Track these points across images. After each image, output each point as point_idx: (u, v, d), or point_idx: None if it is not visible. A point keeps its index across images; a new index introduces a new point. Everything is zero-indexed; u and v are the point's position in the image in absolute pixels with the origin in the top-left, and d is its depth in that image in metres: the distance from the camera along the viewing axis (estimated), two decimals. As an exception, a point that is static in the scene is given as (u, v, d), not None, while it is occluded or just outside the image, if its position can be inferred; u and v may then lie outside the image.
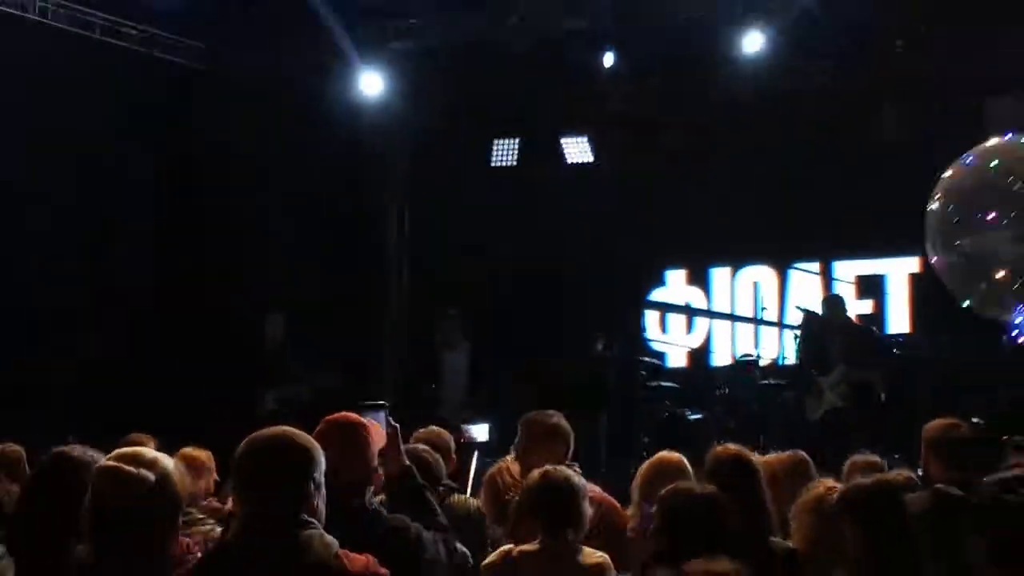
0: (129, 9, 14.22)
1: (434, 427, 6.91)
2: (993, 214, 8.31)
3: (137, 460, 3.23)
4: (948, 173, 8.53)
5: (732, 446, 5.59)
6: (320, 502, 3.87)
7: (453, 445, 6.74)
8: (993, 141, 8.79)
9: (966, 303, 9.49)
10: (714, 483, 4.96)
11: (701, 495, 4.61)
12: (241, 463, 3.88)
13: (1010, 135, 8.97)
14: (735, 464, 5.22)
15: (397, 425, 4.97)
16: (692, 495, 4.62)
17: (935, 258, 9.62)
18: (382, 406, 5.09)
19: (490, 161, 16.62)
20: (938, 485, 6.05)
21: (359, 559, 3.75)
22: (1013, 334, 8.69)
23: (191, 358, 14.09)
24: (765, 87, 14.85)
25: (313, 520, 3.79)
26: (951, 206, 8.45)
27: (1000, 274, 8.50)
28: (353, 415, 4.73)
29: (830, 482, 5.55)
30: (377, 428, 4.79)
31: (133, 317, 14.18)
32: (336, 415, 4.68)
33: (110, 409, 12.08)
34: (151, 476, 3.19)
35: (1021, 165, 8.34)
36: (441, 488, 5.95)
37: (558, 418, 6.23)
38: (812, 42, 14.47)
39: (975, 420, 8.14)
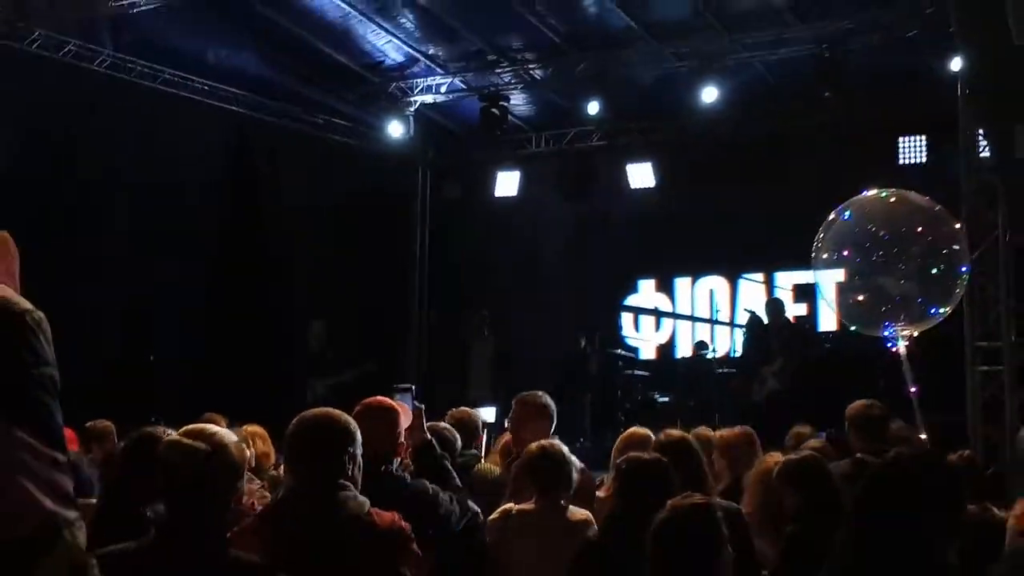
0: (195, 65, 14.25)
1: (465, 408, 6.90)
2: (847, 251, 8.42)
3: (199, 434, 3.24)
4: (831, 217, 8.61)
5: (674, 431, 5.53)
6: (356, 470, 3.88)
7: (481, 423, 6.72)
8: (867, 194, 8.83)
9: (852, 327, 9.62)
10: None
11: (651, 460, 4.59)
12: (290, 438, 3.91)
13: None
14: (676, 446, 5.19)
15: (422, 406, 4.98)
16: (644, 460, 4.60)
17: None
18: (408, 389, 5.10)
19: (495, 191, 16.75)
20: (858, 454, 6.08)
21: (386, 515, 3.76)
22: (888, 345, 8.73)
23: (253, 357, 14.11)
24: (720, 131, 14.91)
25: (349, 484, 3.80)
26: (828, 243, 8.55)
27: (860, 298, 8.57)
28: (384, 399, 4.73)
29: (777, 456, 5.56)
30: (405, 408, 4.80)
31: (208, 323, 14.20)
32: (370, 399, 4.68)
33: (191, 396, 12.15)
34: (206, 447, 3.18)
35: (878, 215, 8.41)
36: (464, 457, 5.95)
37: (545, 398, 6.19)
38: (756, 97, 14.53)
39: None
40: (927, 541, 3.08)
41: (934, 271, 8.23)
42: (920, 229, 8.33)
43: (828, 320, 15.35)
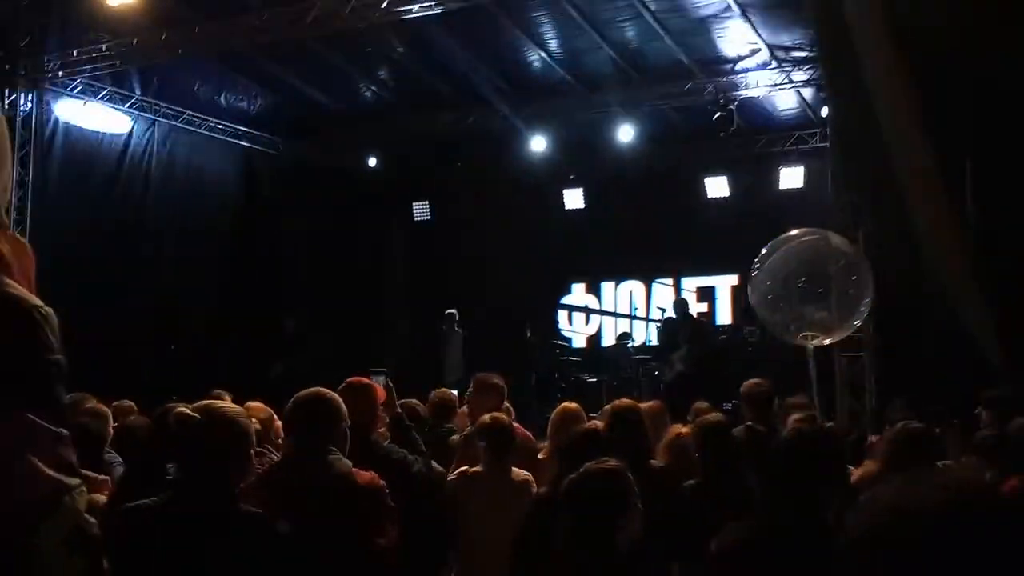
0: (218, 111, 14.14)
1: (444, 389, 6.86)
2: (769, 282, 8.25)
3: (205, 408, 3.17)
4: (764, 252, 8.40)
5: (626, 400, 5.52)
6: (341, 439, 3.84)
7: (456, 403, 6.69)
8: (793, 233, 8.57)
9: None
10: (608, 423, 4.95)
11: (588, 432, 4.56)
12: (288, 412, 3.87)
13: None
14: (624, 412, 5.18)
15: (392, 385, 4.95)
16: (582, 433, 4.57)
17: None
18: (383, 372, 5.08)
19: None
20: (748, 423, 6.12)
21: (366, 474, 3.72)
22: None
23: (246, 346, 13.98)
24: (637, 162, 14.99)
25: (335, 449, 3.76)
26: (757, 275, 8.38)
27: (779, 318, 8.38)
28: (365, 378, 4.69)
29: (680, 427, 5.56)
30: (380, 388, 4.76)
31: (208, 321, 14.04)
32: (353, 378, 4.63)
33: (194, 377, 12.11)
34: (201, 417, 3.11)
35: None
36: (441, 431, 5.92)
37: (497, 377, 6.17)
38: (663, 135, 14.63)
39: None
40: (821, 502, 3.06)
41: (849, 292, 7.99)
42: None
43: (724, 316, 15.53)
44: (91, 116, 12.83)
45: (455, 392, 7.22)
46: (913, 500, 1.32)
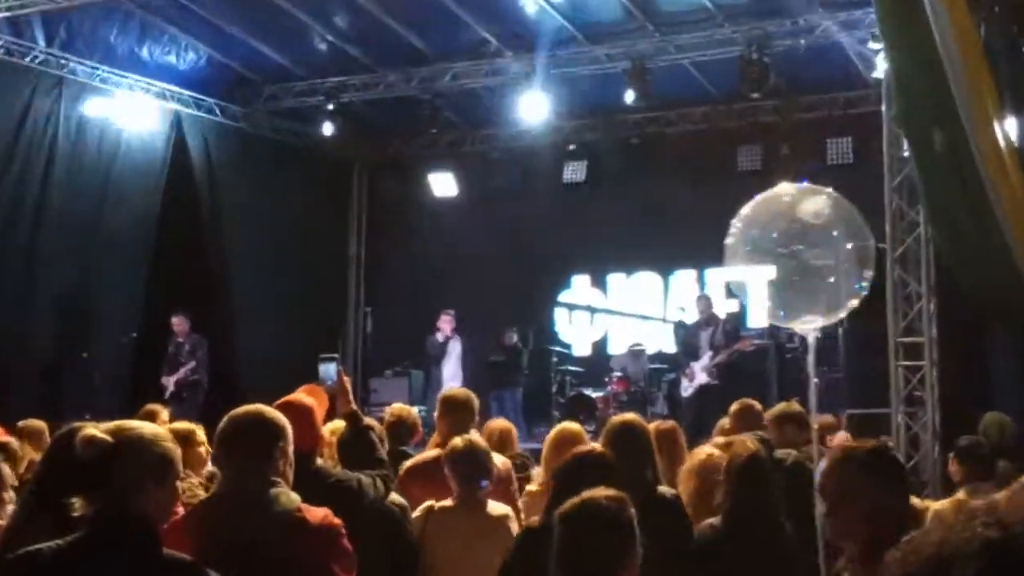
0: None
1: (403, 405, 6.91)
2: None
3: (117, 429, 3.15)
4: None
5: (628, 415, 5.51)
6: (287, 467, 3.81)
7: (419, 421, 6.71)
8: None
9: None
10: (608, 444, 4.95)
11: (590, 456, 4.55)
12: (221, 435, 3.83)
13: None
14: (623, 428, 5.18)
15: (349, 376, 4.95)
16: (584, 456, 4.57)
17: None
18: (334, 358, 5.06)
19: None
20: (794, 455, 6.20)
21: (318, 512, 3.70)
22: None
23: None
24: (651, 128, 14.99)
25: (279, 480, 3.74)
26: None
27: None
28: (300, 397, 4.65)
29: (708, 448, 5.59)
30: (322, 397, 4.74)
31: (130, 322, 14.01)
32: (287, 397, 4.60)
33: (115, 391, 12.33)
34: (113, 440, 3.10)
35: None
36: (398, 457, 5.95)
37: (467, 395, 6.19)
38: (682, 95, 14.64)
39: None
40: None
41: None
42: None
43: (758, 317, 15.50)
44: (-20, 75, 12.78)
45: (416, 410, 7.24)
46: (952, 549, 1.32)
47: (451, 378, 14.35)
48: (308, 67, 14.97)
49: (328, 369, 4.97)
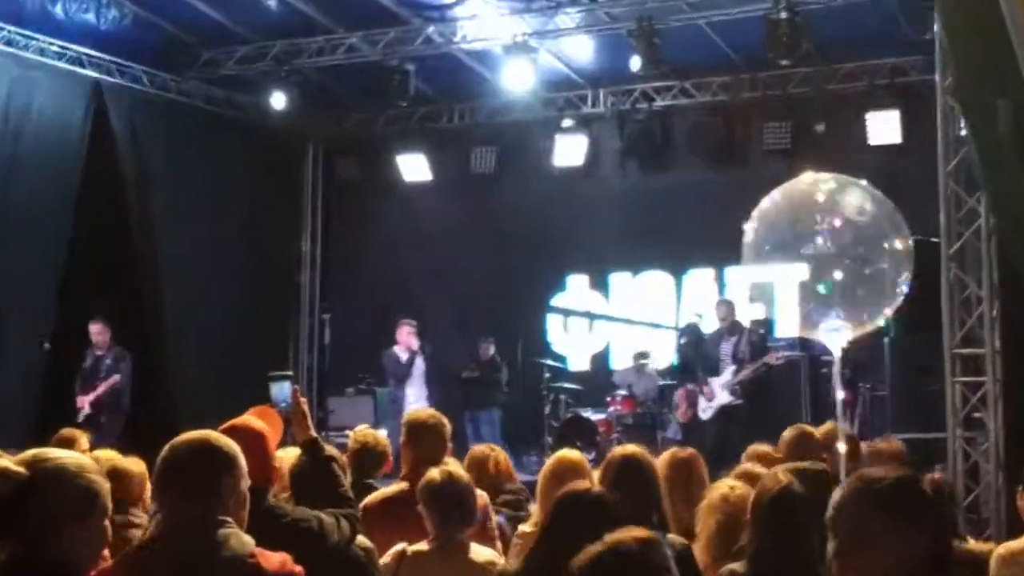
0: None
1: (369, 430, 6.90)
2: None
3: (32, 460, 3.16)
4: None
5: (629, 447, 5.56)
6: (238, 503, 3.82)
7: (388, 449, 6.71)
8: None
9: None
10: (608, 482, 4.96)
11: (587, 496, 4.55)
12: (162, 465, 3.83)
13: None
14: (625, 463, 5.20)
15: (304, 398, 4.94)
16: (578, 496, 4.56)
17: None
18: (287, 377, 5.05)
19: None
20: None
21: (275, 558, 3.70)
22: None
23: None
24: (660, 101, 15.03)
25: (229, 520, 3.74)
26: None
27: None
28: (250, 420, 4.65)
29: (730, 482, 5.60)
30: (275, 422, 4.75)
31: (40, 323, 13.97)
32: (234, 421, 4.60)
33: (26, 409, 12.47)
34: (25, 472, 3.10)
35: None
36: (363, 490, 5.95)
37: (436, 418, 6.19)
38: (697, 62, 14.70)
39: None
40: None
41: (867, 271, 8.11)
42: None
43: (787, 326, 15.54)
44: None
45: (384, 432, 7.24)
46: None
47: (417, 399, 14.34)
48: (253, 28, 14.93)
49: (282, 389, 4.94)
